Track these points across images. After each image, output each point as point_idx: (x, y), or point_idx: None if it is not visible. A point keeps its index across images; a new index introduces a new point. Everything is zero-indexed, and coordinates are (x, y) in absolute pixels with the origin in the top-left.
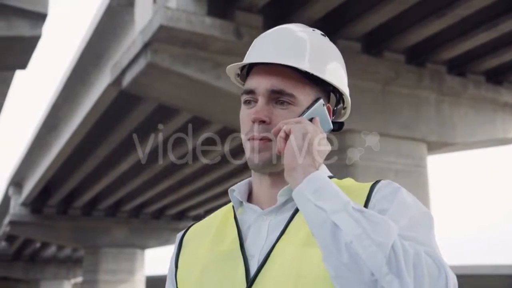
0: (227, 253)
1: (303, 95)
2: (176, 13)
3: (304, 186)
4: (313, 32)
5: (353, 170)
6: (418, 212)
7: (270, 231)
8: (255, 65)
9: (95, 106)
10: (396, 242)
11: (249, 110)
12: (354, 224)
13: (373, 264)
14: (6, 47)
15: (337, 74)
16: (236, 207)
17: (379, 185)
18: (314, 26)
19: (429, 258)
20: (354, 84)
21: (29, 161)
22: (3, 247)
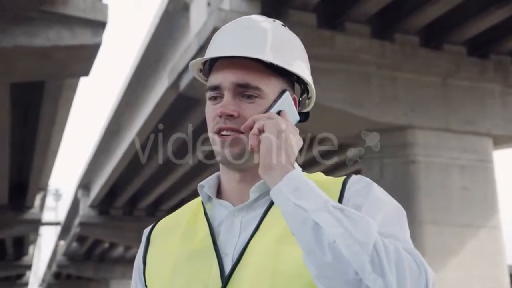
0: (200, 251)
1: (269, 88)
2: (230, 14)
3: (283, 185)
4: (274, 22)
5: (415, 167)
6: (391, 208)
7: (243, 228)
8: (218, 59)
9: (155, 109)
10: (378, 240)
11: (215, 105)
12: (336, 223)
13: (357, 263)
14: (70, 56)
15: (300, 64)
16: (205, 203)
17: (351, 180)
18: (369, 21)
19: (408, 255)
20: (413, 79)
21: (95, 164)
22: (74, 248)
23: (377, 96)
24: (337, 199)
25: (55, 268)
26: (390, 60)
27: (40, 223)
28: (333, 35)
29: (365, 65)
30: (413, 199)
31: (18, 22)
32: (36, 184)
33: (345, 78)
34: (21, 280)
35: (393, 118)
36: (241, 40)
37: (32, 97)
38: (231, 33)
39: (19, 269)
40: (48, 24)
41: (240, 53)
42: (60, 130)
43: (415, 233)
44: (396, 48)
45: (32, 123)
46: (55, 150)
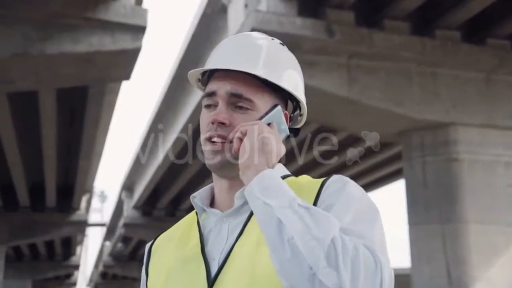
0: (190, 257)
1: (261, 101)
2: (267, 15)
3: (254, 183)
4: (272, 40)
5: (458, 165)
6: (363, 206)
7: (230, 233)
8: (216, 70)
9: (195, 111)
10: (336, 237)
11: (209, 113)
12: (297, 220)
13: (312, 258)
14: (112, 60)
15: (294, 82)
16: (199, 213)
17: (329, 181)
18: (409, 18)
19: (367, 253)
20: (455, 75)
21: (138, 166)
22: (120, 248)
23: (418, 93)
24: (313, 199)
25: (102, 268)
26: (431, 57)
27: (87, 224)
28: (372, 33)
29: (405, 62)
30: (456, 198)
31: (63, 29)
32: (82, 186)
33: (384, 76)
34: (70, 280)
35: (434, 115)
36: (236, 55)
37: (76, 102)
38: (228, 48)
39: (67, 269)
40: (91, 30)
41: (234, 67)
42: (103, 133)
43: (460, 233)
44: (437, 44)
45: (77, 126)
46: (99, 152)
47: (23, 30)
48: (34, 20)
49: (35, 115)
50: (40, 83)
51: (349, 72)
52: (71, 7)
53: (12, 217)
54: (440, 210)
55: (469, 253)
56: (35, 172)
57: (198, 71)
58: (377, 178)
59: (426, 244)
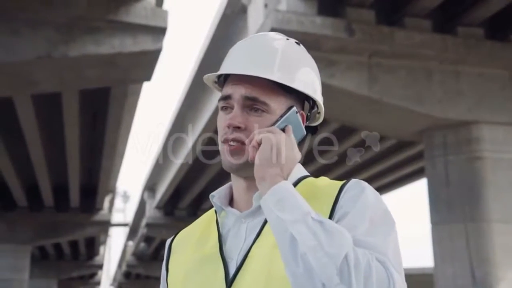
0: (208, 257)
1: (276, 103)
2: (287, 15)
3: (268, 196)
4: (288, 40)
5: (482, 163)
6: (379, 216)
7: (248, 234)
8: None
9: (216, 112)
10: (349, 253)
11: (225, 116)
12: (310, 236)
13: (325, 275)
14: (133, 62)
15: (309, 82)
16: (218, 212)
17: (347, 186)
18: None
19: (380, 267)
20: (479, 72)
21: (160, 167)
22: (142, 248)
23: (440, 91)
24: (332, 204)
25: (125, 268)
26: (453, 54)
27: (110, 224)
28: (392, 31)
29: (426, 60)
30: (480, 197)
31: (86, 32)
32: (105, 186)
33: (406, 74)
34: (94, 279)
35: (457, 113)
36: (251, 59)
37: (99, 103)
38: (243, 51)
39: (91, 268)
40: (113, 33)
41: (248, 72)
42: (126, 134)
43: (483, 232)
44: (459, 41)
45: (99, 127)
46: (121, 153)
47: (47, 33)
48: (58, 23)
49: (58, 116)
50: (63, 85)
51: (370, 71)
52: (93, 10)
53: (37, 217)
54: (463, 209)
55: (493, 253)
56: (59, 173)
57: (213, 75)
58: (398, 177)
59: (449, 243)
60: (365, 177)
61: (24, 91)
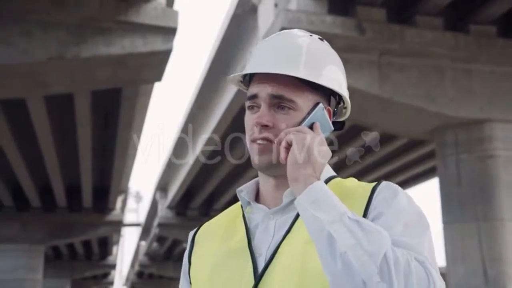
0: (236, 251)
1: (303, 100)
2: (297, 14)
3: (303, 196)
4: (311, 37)
5: (494, 162)
6: (413, 217)
7: (276, 230)
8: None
9: (226, 112)
10: (388, 251)
11: (252, 115)
12: (348, 235)
13: (365, 273)
14: (143, 62)
15: (335, 77)
16: (244, 207)
17: (379, 187)
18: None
19: (419, 266)
20: (490, 70)
21: (171, 167)
22: (155, 248)
23: (451, 90)
24: (364, 206)
25: (138, 268)
26: (465, 52)
27: (122, 224)
28: (403, 30)
29: (437, 58)
30: (492, 196)
31: (96, 33)
32: (117, 187)
33: (417, 72)
34: (107, 279)
35: (468, 112)
36: (277, 57)
37: (110, 104)
38: (268, 49)
39: (104, 268)
40: (123, 33)
41: (274, 70)
42: (137, 134)
43: (496, 232)
44: (471, 39)
45: (111, 128)
46: (133, 153)
47: (58, 34)
48: (69, 25)
49: (71, 117)
50: (75, 86)
51: (381, 69)
52: (104, 11)
53: (50, 217)
54: (476, 208)
55: (506, 252)
56: (72, 173)
57: (239, 75)
58: (410, 176)
59: (461, 243)
60: (376, 177)
61: (36, 92)
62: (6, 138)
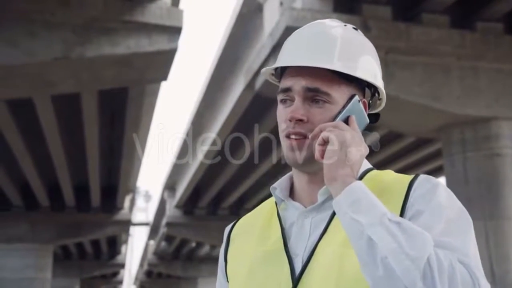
0: (272, 252)
1: (338, 93)
2: (302, 13)
3: (341, 198)
4: (345, 27)
5: (501, 160)
6: (455, 215)
7: (312, 230)
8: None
9: (233, 110)
10: (431, 255)
11: (285, 109)
12: (389, 239)
13: (408, 279)
14: (149, 62)
15: (370, 68)
16: (278, 204)
17: (417, 182)
18: (448, 10)
19: (463, 269)
20: (497, 68)
21: (179, 166)
22: (163, 247)
23: (458, 88)
24: (402, 202)
25: (147, 267)
26: (471, 50)
27: (130, 223)
28: (409, 27)
29: (443, 56)
30: (499, 194)
31: (101, 32)
32: (125, 186)
33: (422, 71)
34: (116, 278)
35: (475, 110)
36: (310, 49)
37: (117, 103)
38: (301, 41)
39: (113, 267)
40: (128, 33)
41: (308, 63)
42: (144, 133)
43: (503, 230)
44: (477, 37)
45: (118, 128)
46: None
47: (63, 34)
48: (74, 25)
49: (78, 117)
50: (81, 85)
51: (386, 67)
52: (109, 11)
53: (59, 217)
54: (483, 207)
55: None
56: (80, 173)
57: (271, 68)
58: None
59: None
60: None
61: (43, 92)
62: (14, 138)
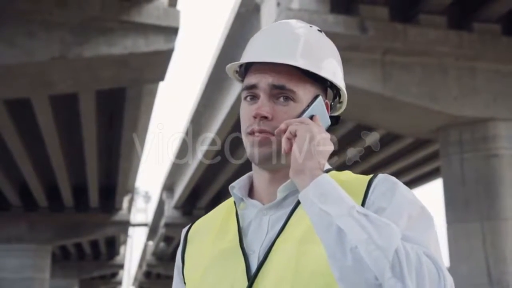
0: (228, 250)
1: (303, 92)
2: (298, 13)
3: (310, 189)
4: (310, 28)
5: (499, 161)
6: (417, 211)
7: (270, 227)
8: (254, 62)
9: (231, 110)
10: (399, 246)
11: (250, 106)
12: (359, 229)
13: (377, 268)
14: (146, 62)
15: (333, 70)
16: (237, 203)
17: (376, 181)
18: (446, 10)
19: (429, 261)
20: (494, 69)
21: (178, 166)
22: (162, 248)
23: (455, 88)
24: (361, 199)
25: (145, 268)
26: (469, 51)
27: (129, 224)
28: (406, 28)
29: (441, 57)
30: (497, 195)
31: (99, 33)
32: (123, 186)
33: (420, 71)
34: (115, 279)
35: (473, 110)
36: (274, 46)
37: (115, 103)
38: (266, 39)
39: (112, 268)
40: (125, 33)
41: (271, 59)
42: (143, 134)
43: (500, 231)
44: (475, 37)
45: (116, 128)
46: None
47: (61, 34)
48: (71, 25)
49: (76, 117)
50: (79, 85)
51: (384, 68)
52: (106, 11)
53: (57, 217)
54: (480, 208)
55: (510, 252)
56: (78, 173)
57: (237, 64)
58: (415, 176)
59: (465, 242)
60: None
61: (41, 92)
62: (13, 138)
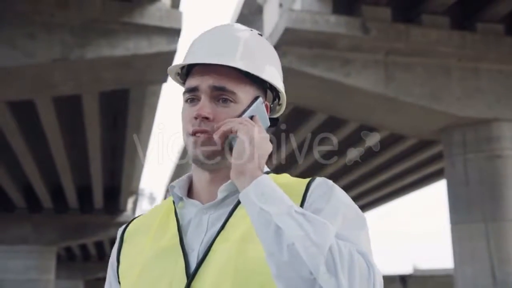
0: (167, 248)
1: (244, 93)
2: (301, 14)
3: (250, 189)
4: (251, 32)
5: (502, 162)
6: (351, 212)
7: (210, 225)
8: (196, 64)
9: None
10: (334, 243)
11: (191, 108)
12: (297, 227)
13: (312, 263)
14: (148, 63)
15: (272, 72)
16: (176, 202)
17: (314, 184)
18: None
19: (361, 258)
20: (498, 69)
21: (182, 167)
22: None
23: (458, 89)
24: (300, 201)
25: None
26: (472, 51)
27: None
28: (409, 29)
29: (444, 57)
30: (501, 196)
31: (100, 34)
32: (127, 188)
33: (423, 72)
34: None
35: (476, 111)
36: (214, 48)
37: (119, 105)
38: (206, 41)
39: None
40: (127, 35)
41: (211, 61)
42: (146, 135)
43: (504, 232)
44: (478, 38)
45: (120, 129)
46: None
47: (62, 36)
48: (73, 27)
49: (80, 119)
50: (81, 87)
51: (386, 69)
52: (108, 13)
53: (62, 218)
54: (484, 209)
55: None
56: (83, 174)
57: (177, 66)
58: (419, 178)
59: (469, 243)
60: (385, 178)
61: (44, 94)
62: (17, 140)
